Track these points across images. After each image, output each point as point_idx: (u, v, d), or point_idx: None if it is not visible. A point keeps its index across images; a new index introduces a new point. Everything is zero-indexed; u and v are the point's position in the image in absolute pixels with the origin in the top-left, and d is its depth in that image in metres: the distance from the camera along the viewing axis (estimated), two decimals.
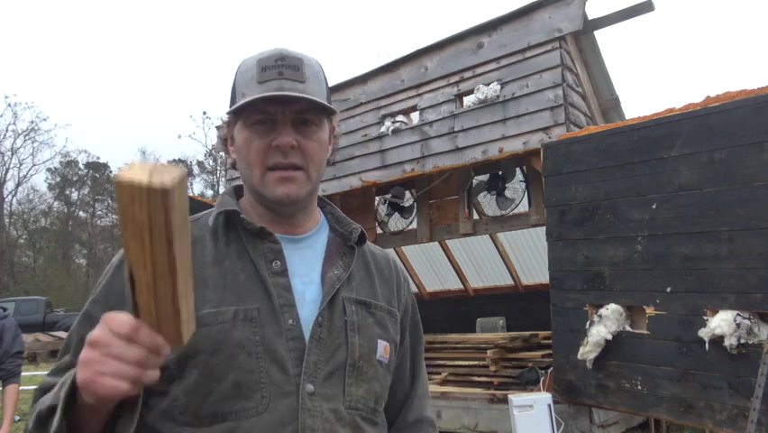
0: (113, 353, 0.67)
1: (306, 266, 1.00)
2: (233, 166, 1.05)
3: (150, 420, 0.89)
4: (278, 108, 0.94)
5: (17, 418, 6.33)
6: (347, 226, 1.08)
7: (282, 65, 0.95)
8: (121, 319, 0.69)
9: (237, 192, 1.08)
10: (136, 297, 0.67)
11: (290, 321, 0.93)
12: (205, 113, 45.08)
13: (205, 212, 1.05)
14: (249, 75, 0.96)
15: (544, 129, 4.97)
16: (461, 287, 8.98)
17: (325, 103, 0.97)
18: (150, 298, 0.66)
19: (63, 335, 13.70)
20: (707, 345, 3.61)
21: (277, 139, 0.94)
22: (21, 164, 30.92)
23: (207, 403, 0.88)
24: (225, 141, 1.05)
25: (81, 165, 33.04)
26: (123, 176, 0.60)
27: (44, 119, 34.86)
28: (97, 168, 33.51)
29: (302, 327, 0.93)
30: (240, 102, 0.94)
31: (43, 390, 0.91)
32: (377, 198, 7.05)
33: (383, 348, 1.01)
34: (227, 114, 1.02)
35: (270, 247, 0.97)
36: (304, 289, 0.97)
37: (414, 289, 8.33)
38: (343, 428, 0.92)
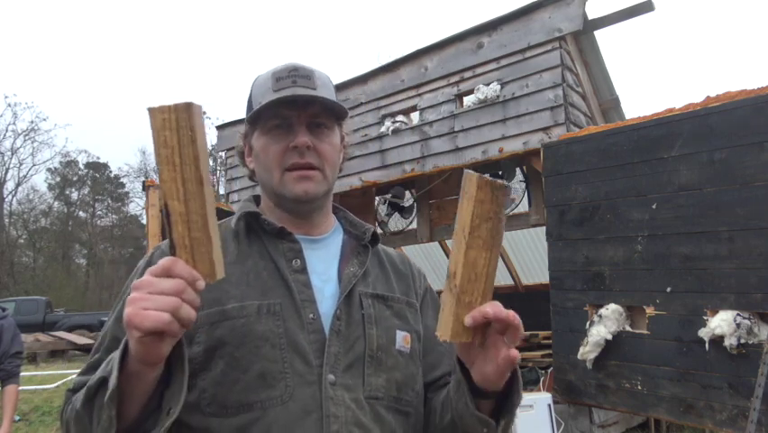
0: (153, 289, 0.72)
1: (323, 265, 1.06)
2: (251, 177, 1.11)
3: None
4: (293, 112, 1.01)
5: (17, 418, 6.33)
6: (360, 228, 1.14)
7: (295, 75, 1.02)
8: (159, 262, 0.74)
9: (256, 200, 1.14)
10: (172, 233, 0.74)
11: (311, 315, 0.97)
12: (204, 113, 44.95)
13: (227, 218, 1.11)
14: (265, 86, 1.04)
15: (544, 129, 4.97)
16: None
17: (337, 101, 1.04)
18: (183, 228, 0.73)
19: (63, 335, 13.69)
20: (707, 345, 3.61)
21: (294, 140, 1.01)
22: (21, 164, 31.00)
23: (233, 393, 0.91)
24: (242, 153, 1.11)
25: (81, 165, 33.05)
26: (154, 105, 0.73)
27: (44, 119, 35.10)
28: (97, 168, 33.48)
29: (322, 320, 0.98)
30: (257, 107, 1.01)
31: (75, 390, 0.94)
32: (377, 198, 7.05)
33: (403, 338, 1.05)
34: (245, 123, 1.08)
35: (290, 247, 1.03)
36: (322, 285, 1.03)
37: None
38: (365, 416, 0.95)
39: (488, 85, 5.42)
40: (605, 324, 4.10)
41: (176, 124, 0.72)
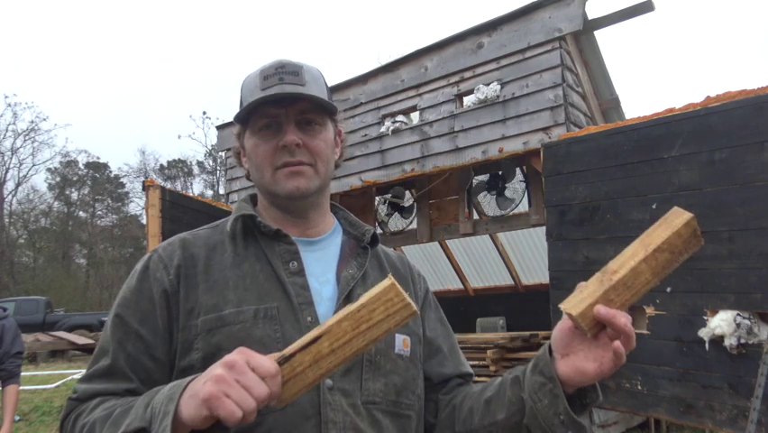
0: (244, 381, 0.72)
1: (321, 267, 1.04)
2: (248, 177, 1.10)
3: None
4: (281, 111, 0.99)
5: (17, 418, 6.34)
6: (360, 228, 1.12)
7: (282, 72, 1.00)
8: (264, 359, 0.75)
9: (253, 200, 1.13)
10: (297, 354, 0.77)
11: (309, 318, 0.96)
12: (204, 113, 45.10)
13: (224, 219, 1.09)
14: (252, 85, 1.02)
15: (544, 129, 4.97)
16: (461, 287, 8.99)
17: (325, 99, 1.02)
18: (309, 360, 0.77)
19: (63, 335, 13.69)
20: (707, 345, 3.61)
21: (283, 139, 0.99)
22: (21, 164, 30.90)
23: None
24: (238, 153, 1.10)
25: (81, 165, 33.09)
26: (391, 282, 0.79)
27: (44, 119, 34.93)
28: (97, 168, 33.52)
29: (320, 323, 0.96)
30: (244, 107, 1.00)
31: (80, 399, 0.93)
32: (377, 198, 7.05)
33: (402, 342, 1.03)
34: (235, 123, 1.06)
35: (287, 249, 1.02)
36: (320, 288, 1.01)
37: None
38: (362, 421, 0.95)
39: (488, 85, 5.42)
40: None
41: (389, 304, 0.78)
